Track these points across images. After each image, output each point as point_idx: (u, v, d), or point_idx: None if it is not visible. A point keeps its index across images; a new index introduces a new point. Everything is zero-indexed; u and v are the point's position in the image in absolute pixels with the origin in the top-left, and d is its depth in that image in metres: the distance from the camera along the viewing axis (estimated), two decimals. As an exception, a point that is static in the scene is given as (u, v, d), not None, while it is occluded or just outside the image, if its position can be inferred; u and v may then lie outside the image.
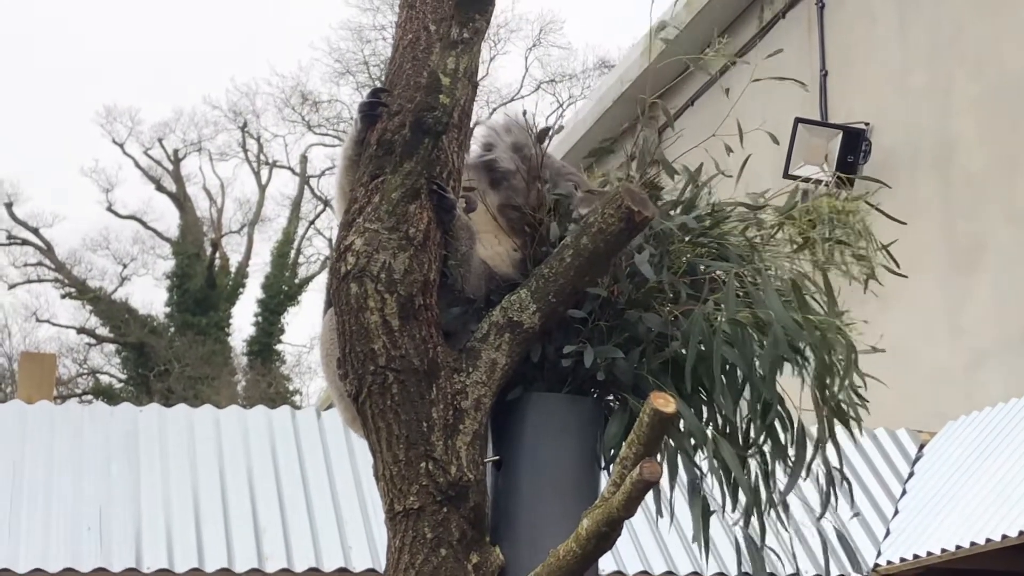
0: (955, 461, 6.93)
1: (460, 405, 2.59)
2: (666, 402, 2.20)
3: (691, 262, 2.71)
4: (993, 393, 7.45)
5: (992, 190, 8.03)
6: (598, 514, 2.25)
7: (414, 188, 2.60)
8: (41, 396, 7.68)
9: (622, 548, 6.53)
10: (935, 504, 6.75)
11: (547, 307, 2.61)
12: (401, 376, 2.56)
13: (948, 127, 8.38)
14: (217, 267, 26.29)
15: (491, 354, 2.62)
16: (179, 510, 6.47)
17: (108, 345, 25.85)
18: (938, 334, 8.26)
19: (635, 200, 2.55)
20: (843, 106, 9.15)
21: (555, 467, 2.64)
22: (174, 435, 6.89)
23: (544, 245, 2.72)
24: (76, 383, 25.43)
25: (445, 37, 2.65)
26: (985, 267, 8.02)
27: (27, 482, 6.47)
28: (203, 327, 25.10)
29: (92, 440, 6.78)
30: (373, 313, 2.56)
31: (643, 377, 2.63)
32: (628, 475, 2.19)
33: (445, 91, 2.60)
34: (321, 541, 6.41)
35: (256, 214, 27.25)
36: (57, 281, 26.37)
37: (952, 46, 8.40)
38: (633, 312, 2.66)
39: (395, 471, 2.57)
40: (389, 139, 2.62)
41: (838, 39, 9.34)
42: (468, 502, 2.56)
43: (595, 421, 2.69)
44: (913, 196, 8.26)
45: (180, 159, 27.19)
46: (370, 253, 2.57)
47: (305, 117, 27.26)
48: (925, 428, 7.56)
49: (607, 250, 2.59)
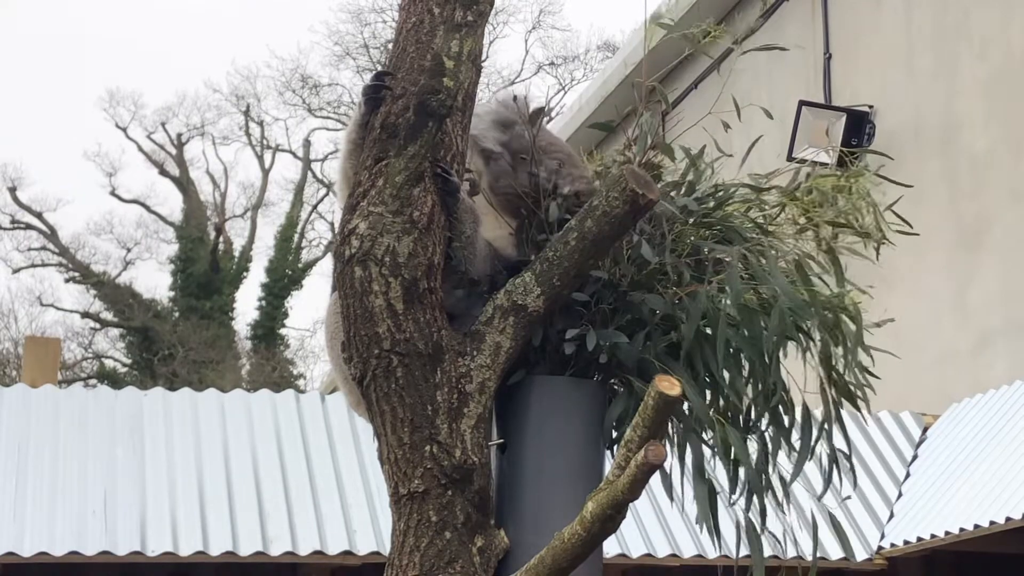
0: (960, 443, 6.93)
1: (464, 388, 2.59)
2: (671, 384, 2.19)
3: (695, 244, 2.70)
4: (998, 375, 7.45)
5: (997, 171, 8.01)
6: (603, 497, 2.25)
7: (418, 171, 2.60)
8: (45, 380, 7.70)
9: (626, 531, 6.53)
10: (940, 487, 6.76)
11: (551, 290, 2.61)
12: (406, 359, 2.56)
13: (953, 108, 8.36)
14: (221, 251, 26.31)
15: (495, 337, 2.62)
16: (184, 494, 6.48)
17: (112, 329, 25.89)
18: (943, 316, 8.26)
19: (639, 183, 2.54)
20: (847, 88, 9.13)
21: (559, 450, 2.64)
22: (179, 419, 6.90)
23: (542, 230, 2.71)
24: (81, 367, 25.48)
25: (449, 20, 2.64)
26: (991, 248, 8.01)
27: (32, 466, 6.48)
28: (207, 311, 25.13)
29: (97, 424, 6.79)
30: (377, 296, 2.56)
31: (647, 360, 2.63)
32: (633, 458, 2.19)
33: (449, 74, 2.59)
34: (326, 525, 6.42)
35: (259, 198, 27.26)
36: (61, 265, 26.40)
37: (957, 27, 8.38)
38: (636, 294, 2.65)
39: (400, 454, 2.57)
40: (393, 122, 2.61)
41: (842, 21, 9.31)
42: (473, 485, 2.56)
43: (599, 404, 2.68)
44: (918, 177, 8.24)
45: (183, 143, 27.20)
46: (374, 236, 2.57)
47: (306, 100, 27.24)
48: (930, 411, 7.56)
49: (612, 233, 2.58)
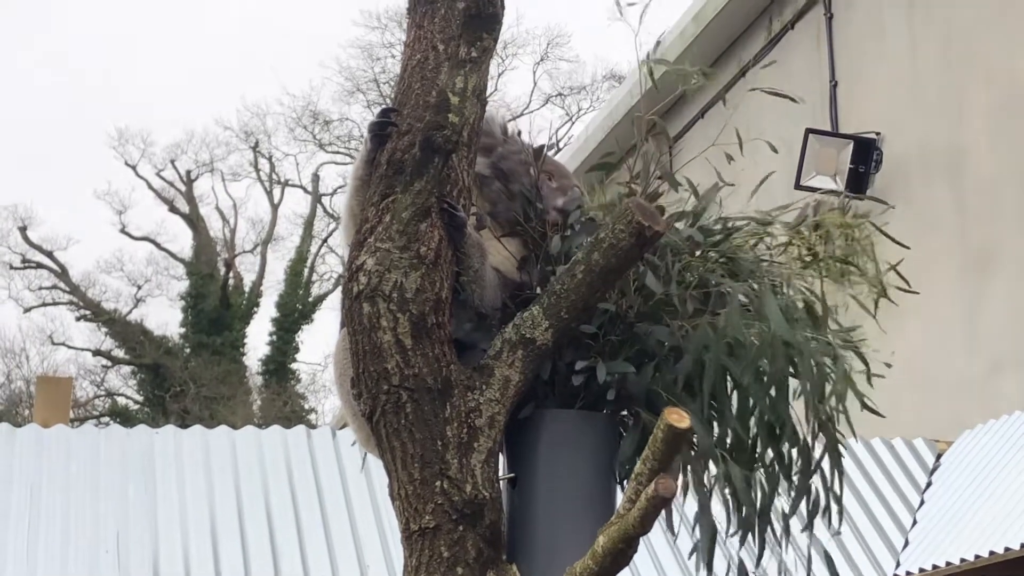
0: (974, 470, 6.90)
1: (474, 423, 2.59)
2: (680, 417, 2.19)
3: (702, 276, 2.70)
4: (1010, 401, 7.42)
5: (1004, 197, 8.01)
6: (614, 531, 2.24)
7: (425, 207, 2.61)
8: (57, 420, 7.70)
9: (639, 562, 6.51)
10: (954, 513, 6.73)
11: (559, 323, 2.61)
12: (415, 395, 2.56)
13: (959, 136, 8.37)
14: (231, 287, 26.34)
15: (504, 371, 2.62)
16: (196, 531, 6.47)
17: (124, 367, 25.91)
18: (953, 343, 8.24)
19: (645, 215, 2.55)
20: (854, 116, 9.14)
21: (570, 484, 2.63)
22: (190, 456, 6.90)
23: (548, 262, 2.72)
24: (93, 405, 25.50)
25: (453, 56, 2.66)
26: (1000, 275, 7.99)
27: (44, 506, 6.48)
28: (218, 347, 25.14)
29: (109, 463, 6.79)
30: (386, 332, 2.57)
31: (656, 392, 2.63)
32: (643, 491, 2.19)
33: (454, 110, 2.61)
34: (338, 561, 6.41)
35: (269, 233, 27.31)
36: (72, 304, 26.45)
37: (963, 55, 8.39)
38: (643, 326, 2.66)
39: (410, 490, 2.57)
40: (399, 158, 2.62)
41: (848, 49, 9.33)
42: (484, 520, 2.56)
43: (609, 437, 2.68)
44: (925, 205, 8.25)
45: (193, 180, 27.28)
46: (382, 272, 2.58)
47: (316, 136, 27.35)
48: (942, 437, 7.53)
49: (619, 266, 2.59)
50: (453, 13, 2.68)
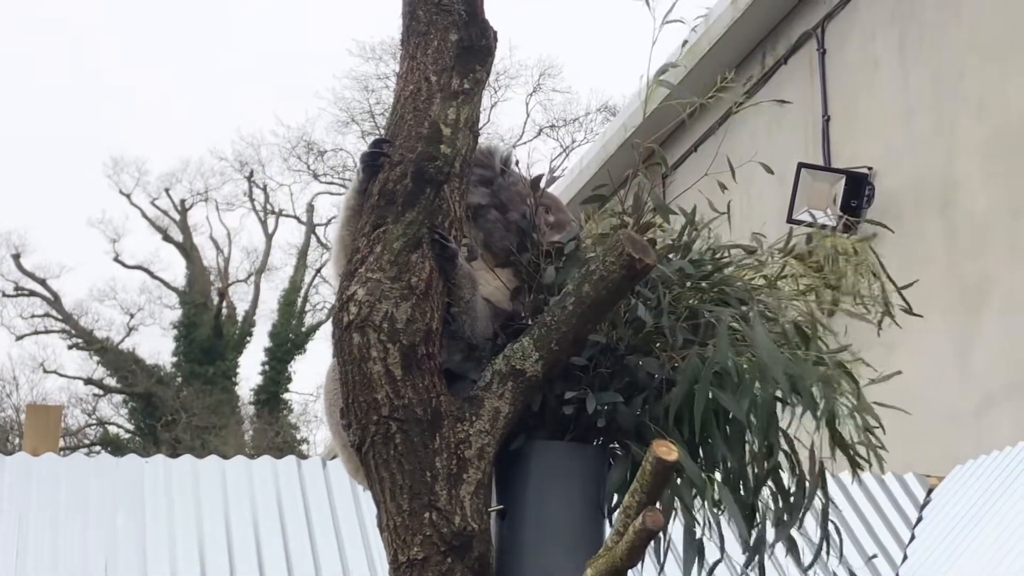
0: (965, 505, 6.89)
1: (464, 454, 2.58)
2: (668, 450, 2.19)
3: (693, 308, 2.71)
4: (1003, 436, 7.42)
5: (997, 231, 8.03)
6: (602, 564, 2.23)
7: (416, 237, 2.61)
8: (47, 448, 7.67)
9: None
10: (945, 549, 6.71)
11: (550, 355, 2.61)
12: (404, 426, 2.56)
13: (952, 169, 8.39)
14: (224, 316, 26.32)
15: (494, 402, 2.61)
16: (185, 562, 6.44)
17: (116, 395, 25.85)
18: (946, 377, 8.24)
19: (636, 247, 2.55)
20: (846, 150, 9.17)
21: (559, 516, 2.62)
22: (179, 486, 6.88)
23: (540, 291, 2.72)
24: (84, 434, 25.42)
25: (446, 88, 2.66)
26: (992, 309, 8.00)
27: (32, 535, 6.45)
28: (210, 377, 25.11)
29: (98, 492, 6.77)
30: (376, 363, 2.56)
31: (646, 424, 2.62)
32: (631, 524, 2.18)
33: (446, 141, 2.61)
34: (328, 591, 6.37)
35: (263, 263, 27.33)
36: (64, 332, 26.42)
37: (955, 89, 8.43)
38: (633, 358, 2.65)
39: (399, 521, 2.56)
40: (391, 189, 2.62)
41: (840, 84, 9.37)
42: (472, 552, 2.55)
43: (598, 469, 2.68)
44: (918, 239, 8.27)
45: (187, 209, 27.30)
46: (372, 303, 2.57)
47: (311, 166, 27.39)
48: (934, 472, 7.52)
49: (609, 298, 2.58)
50: (446, 45, 2.69)
